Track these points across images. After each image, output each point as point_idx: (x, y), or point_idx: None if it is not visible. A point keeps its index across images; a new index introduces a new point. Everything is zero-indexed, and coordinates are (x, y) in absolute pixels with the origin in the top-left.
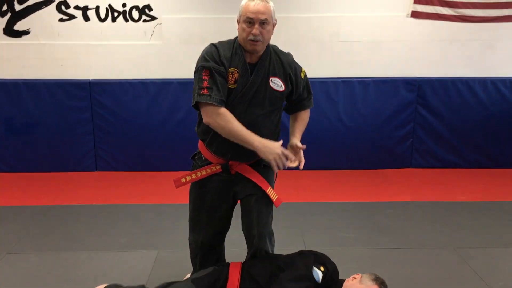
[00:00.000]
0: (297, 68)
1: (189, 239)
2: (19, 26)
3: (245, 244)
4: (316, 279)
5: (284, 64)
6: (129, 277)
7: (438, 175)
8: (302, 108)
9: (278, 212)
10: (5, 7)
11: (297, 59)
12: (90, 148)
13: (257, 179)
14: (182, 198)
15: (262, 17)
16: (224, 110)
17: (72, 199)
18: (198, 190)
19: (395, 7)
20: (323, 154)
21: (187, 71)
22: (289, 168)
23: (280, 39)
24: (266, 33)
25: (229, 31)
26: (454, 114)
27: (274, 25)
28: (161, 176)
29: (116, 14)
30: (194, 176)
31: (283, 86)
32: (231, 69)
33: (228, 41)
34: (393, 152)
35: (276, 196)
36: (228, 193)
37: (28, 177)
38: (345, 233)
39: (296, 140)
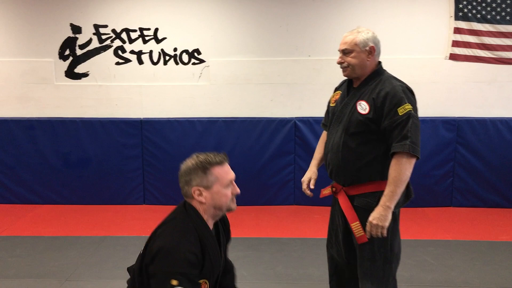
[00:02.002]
0: (389, 99)
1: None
2: (79, 69)
3: None
4: None
5: (379, 91)
6: None
7: (480, 214)
8: (391, 149)
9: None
10: (67, 52)
11: None
12: (139, 183)
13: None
14: None
15: (342, 47)
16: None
17: (123, 230)
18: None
19: (433, 50)
20: None
21: (232, 110)
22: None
23: (320, 79)
24: (351, 60)
25: (271, 73)
26: (494, 153)
27: (366, 52)
28: None
29: (167, 57)
30: (325, 191)
31: (367, 109)
32: (337, 92)
33: None
34: (433, 190)
35: (361, 233)
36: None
37: (82, 209)
38: None
39: (372, 213)
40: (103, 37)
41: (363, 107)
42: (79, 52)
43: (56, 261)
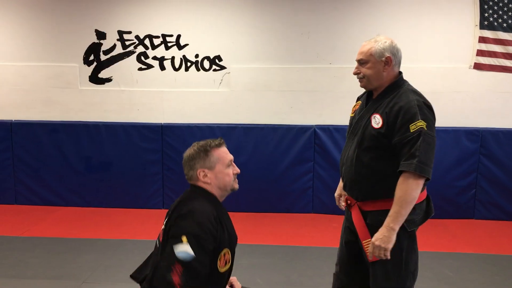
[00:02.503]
0: (402, 114)
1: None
2: (103, 74)
3: None
4: None
5: (393, 105)
6: None
7: (502, 228)
8: (399, 167)
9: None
10: (92, 57)
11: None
12: (158, 187)
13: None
14: (244, 238)
15: (358, 57)
16: None
17: (141, 234)
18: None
19: (457, 59)
20: None
21: (252, 117)
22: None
23: (341, 87)
24: (366, 71)
25: (291, 80)
26: None
27: (382, 63)
28: None
29: (189, 64)
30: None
31: (380, 123)
32: (358, 102)
33: None
34: (454, 202)
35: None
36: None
37: (102, 212)
38: None
39: (376, 234)
40: (127, 43)
41: (376, 121)
42: (103, 57)
43: (74, 263)
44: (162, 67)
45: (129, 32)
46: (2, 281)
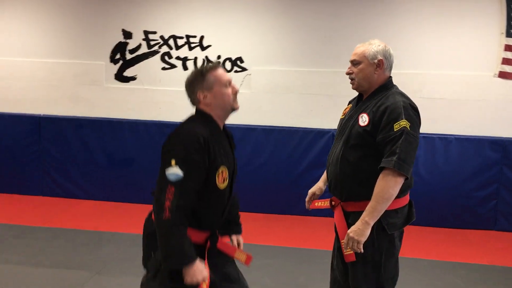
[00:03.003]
0: (388, 114)
1: None
2: (128, 72)
3: None
4: None
5: (380, 105)
6: None
7: None
8: (381, 163)
9: None
10: (118, 56)
11: None
12: None
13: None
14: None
15: (352, 58)
16: None
17: None
18: None
19: (481, 66)
20: None
21: (271, 119)
22: None
23: None
24: (358, 72)
25: (311, 83)
26: None
27: (374, 65)
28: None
29: None
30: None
31: (366, 121)
32: (349, 105)
33: None
34: (475, 212)
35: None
36: None
37: (122, 207)
38: None
39: (352, 227)
40: (152, 43)
41: (363, 120)
42: (128, 56)
43: (90, 254)
44: (185, 67)
45: (154, 32)
46: (22, 269)
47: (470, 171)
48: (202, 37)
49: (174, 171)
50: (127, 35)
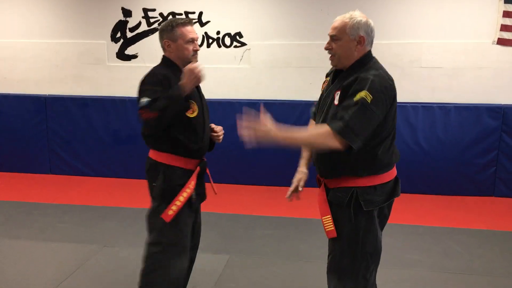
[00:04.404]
0: (355, 85)
1: None
2: (129, 50)
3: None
4: None
5: (352, 80)
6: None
7: None
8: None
9: None
10: (118, 34)
11: None
12: None
13: None
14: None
15: (331, 32)
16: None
17: None
18: None
19: (479, 34)
20: (400, 177)
21: (271, 93)
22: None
23: None
24: (338, 48)
25: (311, 56)
26: None
27: (355, 42)
28: (236, 188)
29: (210, 40)
30: None
31: (338, 100)
32: (327, 78)
33: None
34: (474, 179)
35: (331, 228)
36: None
37: (128, 183)
38: (411, 255)
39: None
40: (151, 20)
41: (337, 98)
42: (129, 34)
43: (98, 228)
44: None
45: (153, 10)
46: (32, 243)
47: (470, 139)
48: (201, 13)
49: (144, 100)
50: (127, 13)
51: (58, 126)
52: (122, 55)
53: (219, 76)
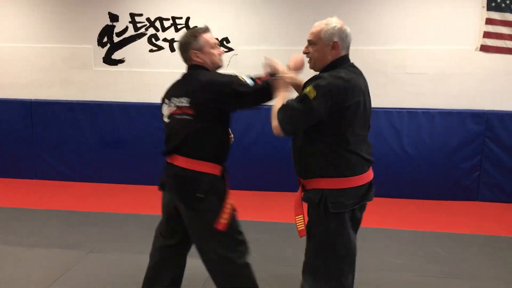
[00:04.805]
0: (309, 82)
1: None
2: (116, 55)
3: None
4: None
5: (314, 78)
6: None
7: (506, 210)
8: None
9: None
10: (105, 39)
11: None
12: None
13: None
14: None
15: (308, 37)
16: None
17: (149, 209)
18: None
19: (463, 41)
20: (385, 182)
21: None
22: None
23: None
24: (314, 52)
25: None
26: None
27: (329, 47)
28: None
29: None
30: None
31: None
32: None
33: None
34: (458, 184)
35: (302, 227)
36: None
37: (115, 188)
38: (395, 259)
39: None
40: (138, 25)
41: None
42: (116, 39)
43: (83, 234)
44: (172, 49)
45: (141, 15)
46: (18, 249)
47: (454, 144)
48: (188, 18)
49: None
50: (114, 18)
51: (45, 130)
52: (109, 60)
53: None
